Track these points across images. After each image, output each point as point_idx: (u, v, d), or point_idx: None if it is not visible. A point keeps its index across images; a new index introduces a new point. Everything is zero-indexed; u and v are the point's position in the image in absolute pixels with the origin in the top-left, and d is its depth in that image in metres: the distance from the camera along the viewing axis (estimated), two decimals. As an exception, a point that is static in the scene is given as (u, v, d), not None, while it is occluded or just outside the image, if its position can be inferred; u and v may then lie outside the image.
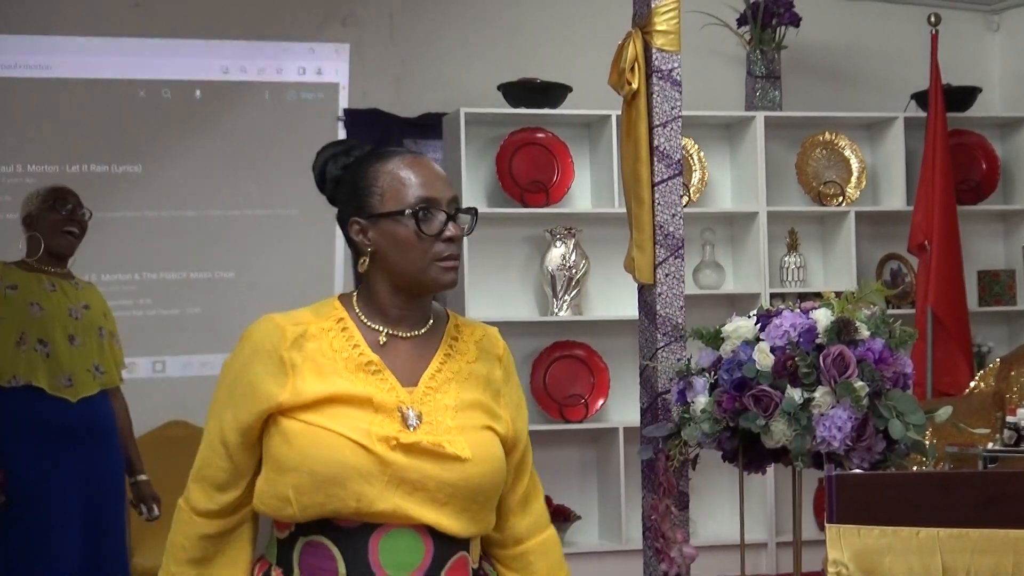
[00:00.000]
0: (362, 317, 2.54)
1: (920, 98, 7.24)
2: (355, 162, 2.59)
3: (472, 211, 2.60)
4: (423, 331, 2.57)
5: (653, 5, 4.39)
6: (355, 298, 2.57)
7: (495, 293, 6.74)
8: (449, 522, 2.46)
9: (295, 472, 2.42)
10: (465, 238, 2.62)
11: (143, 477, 5.09)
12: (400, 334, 2.54)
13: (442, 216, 2.51)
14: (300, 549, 2.48)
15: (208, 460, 2.56)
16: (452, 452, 2.44)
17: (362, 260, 2.54)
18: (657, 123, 4.41)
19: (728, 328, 4.09)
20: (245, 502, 2.55)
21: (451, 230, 2.52)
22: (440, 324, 2.61)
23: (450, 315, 2.65)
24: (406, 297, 2.54)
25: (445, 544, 2.47)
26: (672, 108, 4.42)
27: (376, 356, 2.50)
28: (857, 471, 3.73)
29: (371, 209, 2.51)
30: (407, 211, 2.49)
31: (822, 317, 3.94)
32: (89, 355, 4.91)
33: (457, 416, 2.51)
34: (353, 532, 2.44)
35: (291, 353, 2.48)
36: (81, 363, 4.88)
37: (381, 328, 2.53)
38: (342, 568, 2.43)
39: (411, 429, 2.45)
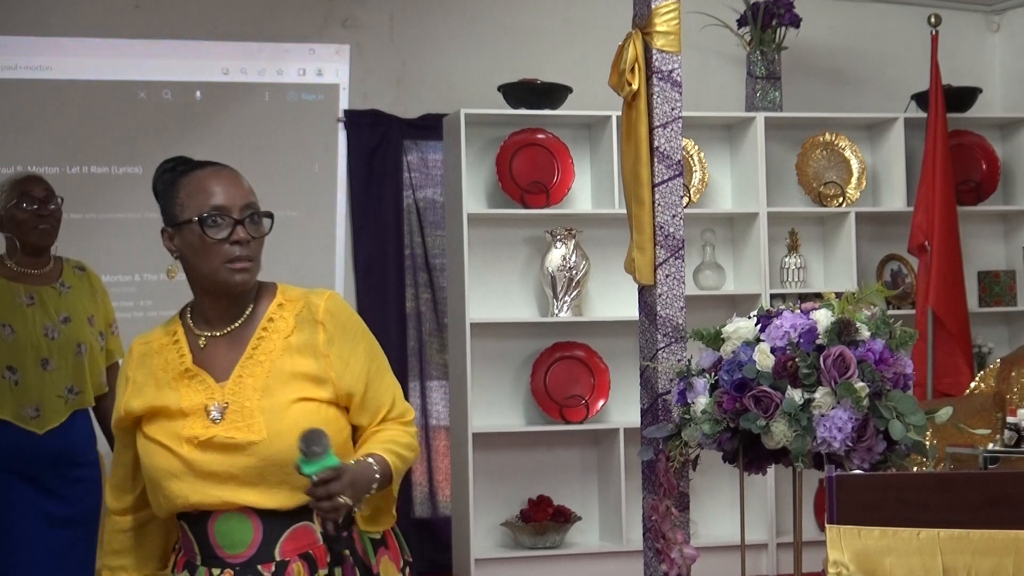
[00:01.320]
0: (191, 325, 2.85)
1: (920, 99, 7.24)
2: (169, 176, 2.88)
3: (266, 214, 2.83)
4: (238, 324, 2.81)
5: (653, 6, 4.39)
6: (189, 309, 2.90)
7: (495, 294, 6.74)
8: (268, 499, 2.70)
9: (145, 479, 2.81)
10: (465, 240, 2.70)
11: None
12: (217, 333, 2.81)
13: (230, 221, 2.74)
14: (180, 535, 2.81)
15: (113, 466, 2.93)
16: (243, 440, 2.68)
17: (172, 267, 2.89)
18: (657, 124, 4.41)
19: (728, 329, 4.09)
20: (147, 501, 2.86)
21: (239, 234, 2.74)
22: (260, 310, 2.83)
23: (278, 294, 2.86)
24: (212, 297, 2.81)
25: (274, 520, 2.72)
26: (672, 109, 4.42)
27: (191, 363, 2.78)
28: (857, 472, 3.73)
29: (173, 218, 2.81)
30: (195, 218, 2.74)
31: (822, 318, 3.94)
32: (62, 378, 4.67)
33: (265, 396, 2.73)
34: (197, 519, 2.74)
35: (135, 372, 2.85)
36: (52, 389, 4.65)
37: (201, 332, 2.82)
38: (197, 548, 2.75)
39: (215, 422, 2.71)
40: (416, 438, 2.87)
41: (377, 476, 2.69)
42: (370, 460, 2.71)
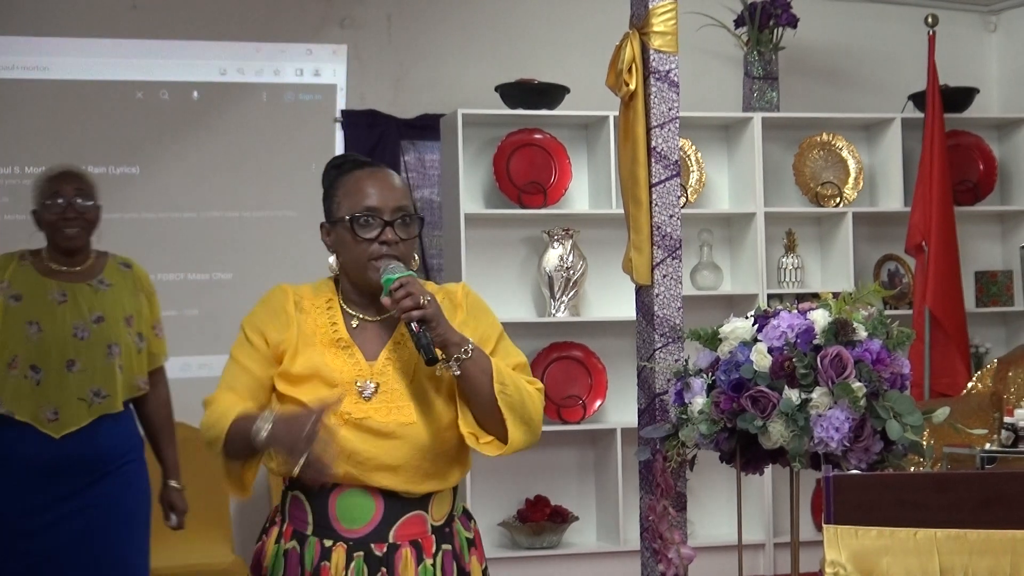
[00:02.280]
0: (343, 303, 2.97)
1: (918, 99, 7.24)
2: (334, 173, 3.07)
3: (417, 218, 3.00)
4: (389, 313, 2.88)
5: (650, 6, 4.39)
6: (342, 288, 3.01)
7: (493, 294, 6.72)
8: (399, 483, 2.84)
9: None
10: (463, 240, 2.77)
11: (172, 484, 4.70)
12: (368, 318, 2.95)
13: (379, 223, 2.90)
14: (289, 500, 2.93)
15: (231, 377, 2.98)
16: (395, 424, 2.82)
17: (332, 260, 2.99)
18: (655, 124, 4.41)
19: (726, 329, 4.09)
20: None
21: (387, 235, 2.90)
22: None
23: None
24: (363, 291, 2.95)
25: (396, 503, 2.86)
26: (669, 109, 4.42)
27: (347, 335, 2.91)
28: (854, 472, 3.72)
29: (331, 215, 3.00)
30: (347, 217, 2.92)
31: (820, 318, 3.94)
32: (87, 381, 4.45)
33: (413, 382, 2.89)
34: (319, 491, 2.86)
35: (295, 313, 2.94)
36: (75, 391, 4.43)
37: (355, 312, 2.95)
38: (311, 519, 2.87)
39: (366, 400, 2.84)
40: (539, 402, 2.93)
41: (471, 346, 2.82)
42: (471, 340, 2.85)
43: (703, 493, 6.74)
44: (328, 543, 2.85)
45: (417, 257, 3.00)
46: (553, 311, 6.65)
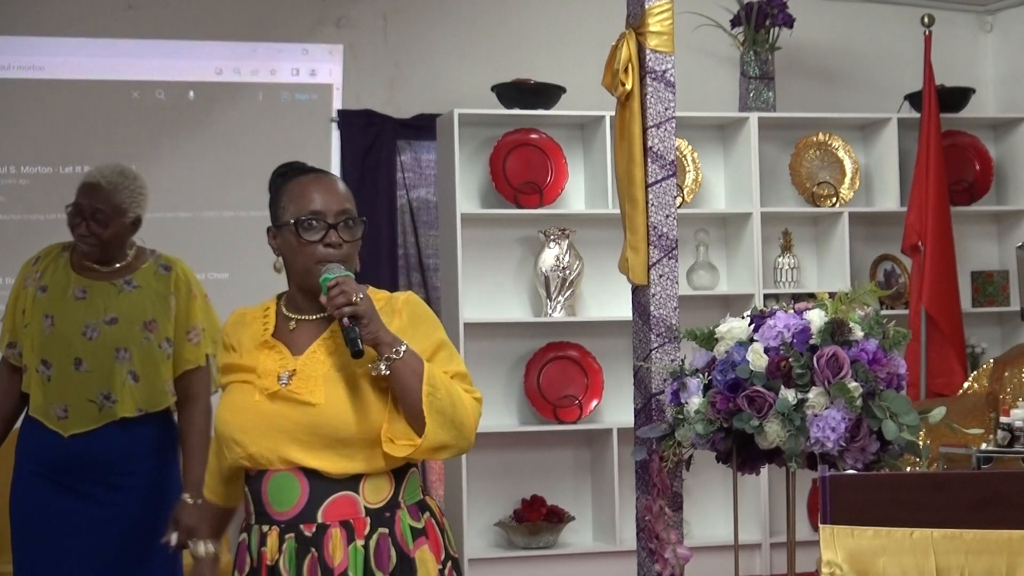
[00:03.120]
0: (283, 309, 3.10)
1: (913, 99, 7.25)
2: (279, 180, 3.20)
3: (360, 221, 3.06)
4: (326, 314, 2.98)
5: (647, 6, 4.39)
6: (285, 295, 3.15)
7: (489, 294, 6.74)
8: (318, 462, 2.91)
9: (216, 435, 3.08)
10: (459, 240, 2.81)
11: (185, 497, 4.30)
12: (307, 318, 3.05)
13: (323, 226, 2.99)
14: (245, 492, 3.04)
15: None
16: (303, 398, 2.91)
17: (276, 262, 3.13)
18: (651, 124, 4.41)
19: (722, 329, 4.09)
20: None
21: (331, 237, 2.98)
22: None
23: (366, 293, 3.01)
24: (305, 292, 3.04)
25: (322, 483, 2.92)
26: (666, 109, 4.42)
27: (271, 336, 3.04)
28: (851, 472, 3.73)
29: (276, 219, 3.12)
30: (292, 221, 3.03)
31: (816, 318, 3.94)
32: (95, 383, 4.28)
33: (332, 370, 2.95)
34: (254, 477, 2.98)
35: (228, 337, 3.14)
36: (83, 392, 4.28)
37: (293, 315, 3.07)
38: (252, 508, 2.99)
39: (283, 385, 2.94)
40: (473, 410, 2.97)
41: (403, 347, 2.88)
42: (404, 342, 2.91)
43: (699, 493, 6.74)
44: (265, 528, 2.95)
45: (358, 261, 3.06)
46: (549, 311, 6.65)
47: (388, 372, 2.88)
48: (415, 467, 3.06)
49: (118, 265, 4.41)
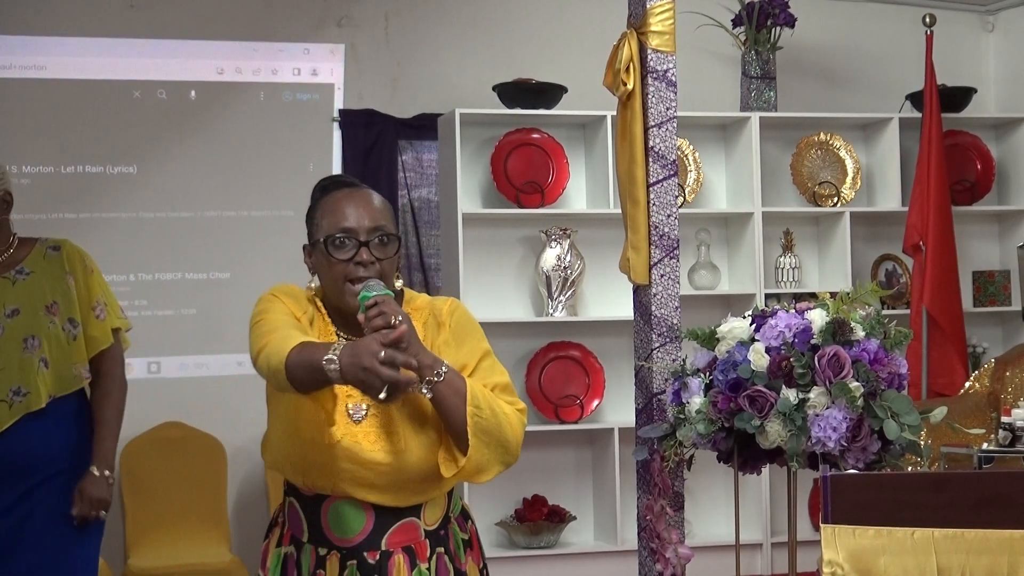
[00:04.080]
0: (328, 318, 2.97)
1: (915, 99, 7.24)
2: (318, 195, 3.02)
3: (393, 238, 2.94)
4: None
5: (648, 6, 4.39)
6: (320, 302, 3.00)
7: (490, 294, 6.74)
8: (387, 499, 2.87)
9: (275, 440, 2.95)
10: (460, 239, 2.77)
11: (93, 470, 4.17)
12: (351, 337, 2.91)
13: (354, 243, 2.88)
14: (287, 505, 2.98)
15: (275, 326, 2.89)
16: (385, 452, 2.83)
17: (311, 281, 3.01)
18: (652, 124, 4.41)
19: (723, 329, 4.09)
20: None
21: (362, 255, 2.88)
22: None
23: (404, 304, 2.99)
24: (340, 312, 2.95)
25: (388, 513, 2.89)
26: (667, 109, 4.42)
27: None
28: (852, 471, 3.73)
29: (311, 237, 2.98)
30: (323, 239, 2.91)
31: (817, 318, 3.94)
32: (5, 380, 4.09)
33: (403, 404, 2.85)
34: (311, 500, 2.91)
35: (295, 310, 2.95)
36: None
37: (343, 334, 2.95)
38: (306, 527, 2.92)
39: (356, 423, 2.85)
40: (518, 424, 2.91)
41: (444, 368, 2.79)
42: (445, 362, 2.82)
43: (700, 493, 6.74)
44: (323, 551, 2.90)
45: (400, 276, 2.99)
46: (551, 311, 6.65)
47: (431, 395, 2.80)
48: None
49: (4, 257, 4.21)
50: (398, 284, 2.98)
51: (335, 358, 2.66)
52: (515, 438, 2.91)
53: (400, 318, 2.74)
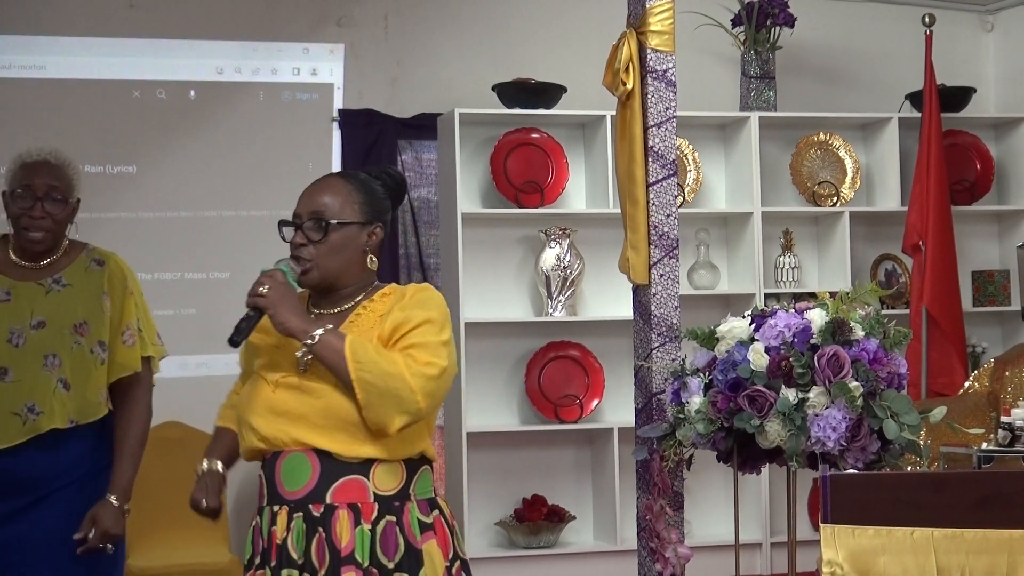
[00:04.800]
0: (310, 302, 3.22)
1: (914, 98, 7.24)
2: None
3: (333, 224, 3.13)
4: (344, 308, 3.15)
5: (648, 5, 4.39)
6: None
7: (490, 294, 6.74)
8: (328, 443, 2.99)
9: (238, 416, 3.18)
10: (460, 239, 2.87)
11: (110, 498, 3.95)
12: (324, 312, 3.16)
13: (292, 228, 3.17)
14: (259, 482, 3.11)
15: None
16: (316, 384, 3.01)
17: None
18: (652, 123, 4.41)
19: (723, 328, 4.09)
20: None
21: (297, 238, 3.15)
22: (364, 299, 3.16)
23: (388, 287, 3.20)
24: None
25: (333, 465, 3.00)
26: (667, 108, 4.42)
27: None
28: (851, 471, 3.73)
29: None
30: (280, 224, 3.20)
31: (817, 317, 3.95)
32: (21, 394, 3.85)
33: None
34: (269, 460, 3.07)
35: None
36: (7, 404, 3.85)
37: (313, 310, 3.19)
38: (266, 490, 3.06)
39: (302, 371, 3.03)
40: (409, 375, 2.99)
41: (318, 332, 2.99)
42: (325, 326, 3.03)
43: (700, 492, 6.73)
44: (276, 508, 3.03)
45: (373, 260, 3.18)
46: (550, 310, 6.65)
47: (310, 357, 3.01)
48: (428, 465, 3.13)
49: (48, 261, 3.98)
50: (372, 266, 3.18)
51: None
52: (407, 388, 2.96)
53: (268, 288, 3.05)
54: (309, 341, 2.98)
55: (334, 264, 3.13)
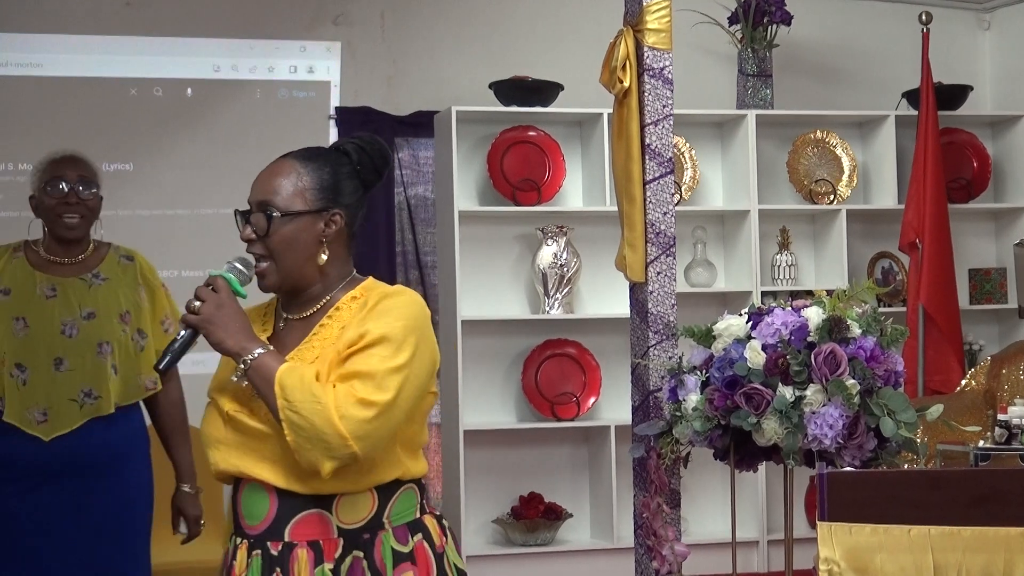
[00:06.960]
0: (279, 308, 2.86)
1: (911, 96, 7.24)
2: None
3: (285, 216, 2.79)
4: (311, 312, 2.79)
5: (645, 3, 4.40)
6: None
7: (486, 291, 6.74)
8: (281, 479, 2.67)
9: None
10: (456, 237, 2.72)
11: (184, 488, 4.40)
12: (293, 317, 2.80)
13: (242, 219, 2.84)
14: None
15: None
16: (264, 411, 2.66)
17: None
18: (648, 121, 4.42)
19: (720, 326, 4.10)
20: None
21: (244, 231, 2.81)
22: (332, 302, 2.79)
23: (358, 288, 2.81)
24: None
25: (291, 500, 2.68)
26: (663, 106, 4.43)
27: (264, 338, 2.76)
28: (848, 469, 3.74)
29: None
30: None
31: (813, 315, 3.95)
32: (77, 381, 4.15)
33: None
34: (236, 488, 2.78)
35: None
36: (64, 392, 4.13)
37: (283, 314, 2.83)
38: (235, 518, 2.79)
39: (253, 397, 2.69)
40: (340, 420, 2.57)
41: (251, 357, 2.64)
42: (266, 347, 2.68)
43: (697, 490, 6.74)
44: (239, 540, 2.77)
45: (326, 252, 2.80)
46: (547, 308, 6.65)
47: (245, 383, 2.67)
48: (412, 484, 2.78)
49: (81, 257, 4.27)
50: (321, 262, 2.79)
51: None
52: (336, 434, 2.55)
53: (201, 303, 2.69)
54: (242, 365, 2.64)
55: (288, 262, 2.74)
